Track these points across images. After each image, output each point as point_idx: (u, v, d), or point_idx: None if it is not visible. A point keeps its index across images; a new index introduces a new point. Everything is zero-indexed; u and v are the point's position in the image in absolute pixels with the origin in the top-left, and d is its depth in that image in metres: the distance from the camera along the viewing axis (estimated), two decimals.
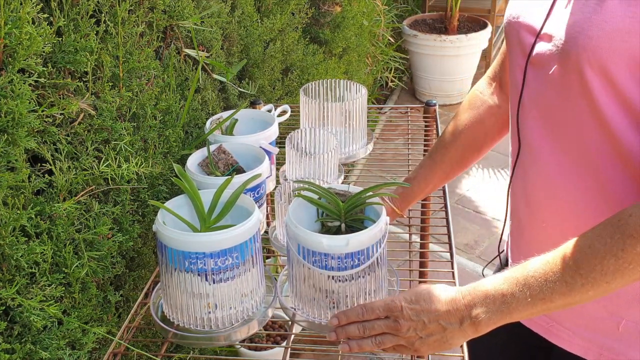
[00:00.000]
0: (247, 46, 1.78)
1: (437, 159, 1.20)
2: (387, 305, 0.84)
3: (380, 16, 3.57)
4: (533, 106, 0.91)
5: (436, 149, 1.21)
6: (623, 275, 0.72)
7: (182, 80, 1.46)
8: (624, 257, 0.71)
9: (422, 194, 1.22)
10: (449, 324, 0.81)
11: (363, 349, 0.86)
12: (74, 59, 1.04)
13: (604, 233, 0.73)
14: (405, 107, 1.74)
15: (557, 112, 0.86)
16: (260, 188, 1.13)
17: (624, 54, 0.75)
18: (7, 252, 0.92)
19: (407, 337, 0.83)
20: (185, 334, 0.91)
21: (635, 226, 0.70)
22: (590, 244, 0.73)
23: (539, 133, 0.90)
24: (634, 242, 0.70)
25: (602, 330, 0.91)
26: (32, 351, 0.96)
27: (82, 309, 1.10)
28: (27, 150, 1.00)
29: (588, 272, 0.73)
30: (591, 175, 0.84)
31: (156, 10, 1.30)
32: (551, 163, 0.89)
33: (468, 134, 1.17)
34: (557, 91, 0.84)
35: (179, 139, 1.36)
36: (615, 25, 0.75)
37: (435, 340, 0.82)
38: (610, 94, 0.78)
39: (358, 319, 0.86)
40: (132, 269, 1.31)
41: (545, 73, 0.85)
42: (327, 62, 2.38)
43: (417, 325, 0.82)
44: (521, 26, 0.91)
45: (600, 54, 0.76)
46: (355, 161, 1.41)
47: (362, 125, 1.36)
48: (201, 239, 0.85)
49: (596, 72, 0.77)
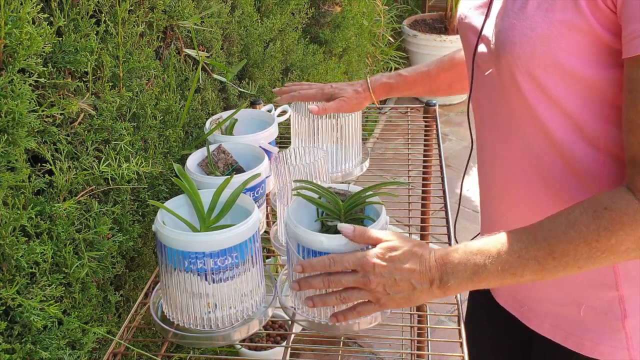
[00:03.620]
0: (247, 46, 1.78)
1: (432, 73, 1.29)
2: (357, 259, 0.83)
3: (380, 16, 3.58)
4: (480, 104, 0.96)
5: (436, 65, 1.29)
6: (595, 262, 0.75)
7: (182, 80, 1.46)
8: (597, 247, 0.74)
9: (403, 93, 1.33)
10: (419, 284, 0.81)
11: (327, 304, 0.86)
12: (74, 59, 1.04)
13: (579, 221, 0.75)
14: (405, 107, 1.74)
15: (499, 111, 0.91)
16: (260, 188, 1.13)
17: (546, 59, 0.79)
18: (7, 252, 0.92)
19: (374, 293, 0.82)
20: (185, 334, 0.92)
21: (610, 219, 0.73)
22: (565, 230, 0.75)
23: (487, 129, 0.96)
24: (609, 234, 0.73)
25: (566, 315, 0.94)
26: (32, 351, 0.96)
27: (82, 309, 1.10)
28: (27, 150, 1.00)
29: (561, 257, 0.76)
30: (535, 170, 0.89)
31: (156, 10, 1.30)
32: (500, 158, 0.94)
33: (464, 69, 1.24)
34: (497, 91, 0.89)
35: (179, 139, 1.36)
36: (536, 31, 0.79)
37: (403, 297, 0.82)
38: (540, 95, 0.82)
39: (324, 270, 0.84)
40: (132, 269, 1.31)
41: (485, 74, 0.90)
42: (327, 62, 2.38)
43: (388, 282, 0.81)
44: (467, 27, 0.96)
45: (525, 58, 0.81)
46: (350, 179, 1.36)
47: (356, 142, 1.32)
48: (201, 239, 0.85)
49: (524, 76, 0.82)
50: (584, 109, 0.81)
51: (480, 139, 1.01)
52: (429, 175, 1.58)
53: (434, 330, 1.98)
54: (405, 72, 1.33)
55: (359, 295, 0.84)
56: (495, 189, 0.99)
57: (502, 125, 0.91)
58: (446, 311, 1.08)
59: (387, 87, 1.31)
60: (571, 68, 0.79)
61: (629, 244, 0.73)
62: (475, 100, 0.98)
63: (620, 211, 0.73)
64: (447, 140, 3.74)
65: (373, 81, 1.30)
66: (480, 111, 0.98)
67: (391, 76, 1.32)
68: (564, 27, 0.77)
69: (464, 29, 0.98)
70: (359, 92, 1.29)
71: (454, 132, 3.84)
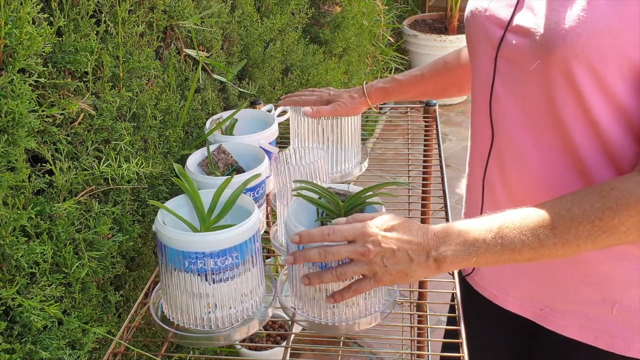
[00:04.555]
0: (247, 46, 1.78)
1: (426, 77, 1.31)
2: (356, 229, 0.81)
3: (380, 16, 3.58)
4: (510, 97, 0.92)
5: (430, 69, 1.31)
6: (595, 242, 0.76)
7: (182, 80, 1.46)
8: (599, 226, 0.74)
9: (398, 97, 1.35)
10: (416, 256, 0.80)
11: (323, 281, 0.84)
12: (74, 59, 1.04)
13: (584, 200, 0.76)
14: (405, 107, 1.74)
15: (537, 103, 0.88)
16: (260, 188, 1.13)
17: (613, 51, 0.78)
18: (7, 252, 0.92)
19: (371, 265, 0.81)
20: (185, 334, 0.92)
21: (616, 199, 0.74)
22: (570, 207, 0.76)
23: (517, 123, 0.92)
24: (612, 213, 0.74)
25: (596, 314, 0.93)
26: (32, 351, 0.96)
27: (82, 309, 1.10)
28: (27, 150, 1.00)
29: (562, 233, 0.76)
30: (573, 164, 0.87)
31: (156, 10, 1.30)
32: (531, 152, 0.91)
33: (459, 72, 1.26)
34: (538, 84, 0.86)
35: (179, 139, 1.36)
36: (605, 23, 0.77)
37: (399, 271, 0.81)
38: (596, 87, 0.81)
39: (322, 239, 0.82)
40: (132, 269, 1.31)
41: (523, 66, 0.87)
42: (327, 62, 2.38)
43: (386, 253, 0.80)
44: (488, 19, 0.93)
45: (589, 51, 0.79)
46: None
47: (355, 142, 1.32)
48: (201, 239, 0.85)
49: (583, 68, 0.80)
50: (638, 103, 0.80)
51: (498, 131, 0.96)
52: (429, 175, 1.58)
53: (434, 330, 1.98)
54: (400, 76, 1.34)
55: (355, 268, 0.82)
56: (517, 184, 0.95)
57: (538, 117, 0.88)
58: (446, 311, 1.08)
59: (383, 91, 1.32)
60: (634, 62, 0.78)
61: (629, 225, 0.74)
62: (497, 95, 0.94)
63: (627, 192, 0.73)
64: (447, 140, 3.74)
65: (369, 87, 1.32)
66: (503, 105, 0.94)
67: (387, 81, 1.34)
68: (637, 19, 0.76)
69: (481, 22, 0.94)
70: (354, 98, 1.31)
71: (454, 132, 3.84)
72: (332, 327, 0.92)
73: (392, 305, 0.95)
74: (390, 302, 0.94)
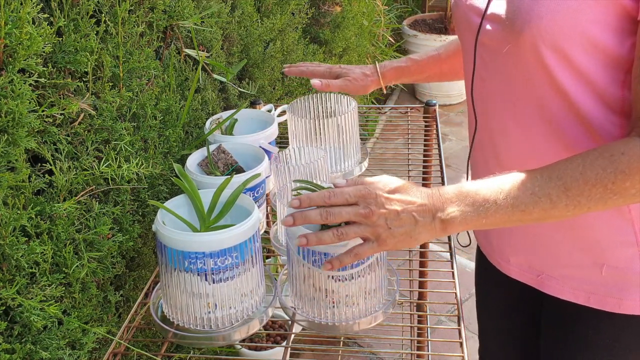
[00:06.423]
0: (247, 46, 1.78)
1: (442, 57, 1.30)
2: (359, 191, 0.78)
3: (380, 16, 3.58)
4: (491, 81, 0.96)
5: (446, 49, 1.30)
6: (605, 203, 0.78)
7: (182, 80, 1.46)
8: (612, 189, 0.77)
9: (413, 77, 1.35)
10: (421, 217, 0.77)
11: (322, 241, 0.80)
12: (74, 59, 1.04)
13: (596, 164, 0.77)
14: (405, 107, 1.74)
15: (514, 84, 0.92)
16: (260, 188, 1.13)
17: (573, 30, 0.81)
18: (7, 252, 0.92)
19: (375, 227, 0.77)
20: (185, 334, 0.92)
21: (627, 163, 0.76)
22: (583, 171, 0.77)
23: (501, 106, 0.95)
24: (625, 177, 0.76)
25: (587, 276, 0.97)
26: (32, 351, 0.96)
27: (82, 309, 1.10)
28: (27, 150, 1.00)
29: (575, 195, 0.77)
30: (555, 136, 0.90)
31: (156, 10, 1.30)
32: (514, 129, 0.94)
33: None
34: (513, 67, 0.90)
35: (179, 139, 1.36)
36: (565, 4, 0.80)
37: (403, 233, 0.78)
38: (564, 65, 0.84)
39: (323, 202, 0.79)
40: (132, 269, 1.31)
41: (498, 51, 0.91)
42: (327, 62, 2.38)
43: (390, 215, 0.77)
44: (468, 8, 0.97)
45: (552, 31, 0.82)
46: None
47: (355, 141, 1.30)
48: (201, 239, 0.85)
49: (550, 49, 0.83)
50: (605, 76, 0.84)
51: (484, 116, 1.00)
52: (429, 175, 1.58)
53: (434, 330, 1.98)
54: (416, 56, 1.33)
55: (358, 230, 0.78)
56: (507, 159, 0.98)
57: (517, 98, 0.92)
58: (446, 311, 1.08)
59: (398, 70, 1.31)
60: (595, 38, 0.81)
61: (639, 187, 0.76)
62: (480, 78, 0.98)
63: (637, 156, 0.76)
64: (447, 140, 3.74)
65: (382, 66, 1.30)
66: (486, 89, 0.98)
67: (402, 60, 1.33)
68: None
69: (463, 11, 0.99)
70: (367, 75, 1.29)
71: (454, 132, 3.84)
72: (332, 327, 0.92)
73: (392, 305, 0.95)
74: (390, 302, 0.95)
